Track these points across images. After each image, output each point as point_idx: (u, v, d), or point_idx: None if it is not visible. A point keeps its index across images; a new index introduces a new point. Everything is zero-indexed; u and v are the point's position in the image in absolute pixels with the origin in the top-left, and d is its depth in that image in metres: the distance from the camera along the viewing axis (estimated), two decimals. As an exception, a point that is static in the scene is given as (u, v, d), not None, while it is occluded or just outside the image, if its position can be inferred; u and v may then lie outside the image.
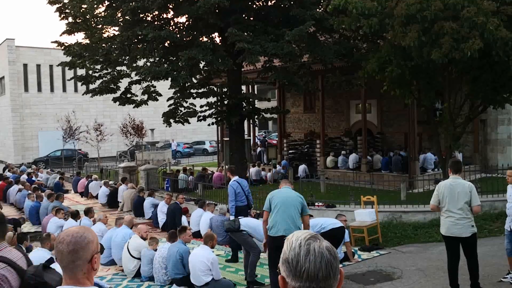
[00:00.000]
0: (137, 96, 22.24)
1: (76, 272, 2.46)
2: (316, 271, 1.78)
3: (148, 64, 20.15)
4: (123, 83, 21.93)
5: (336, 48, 17.93)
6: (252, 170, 24.06)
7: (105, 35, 21.48)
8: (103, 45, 20.86)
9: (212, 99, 20.98)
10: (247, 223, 10.08)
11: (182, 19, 20.27)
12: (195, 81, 21.20)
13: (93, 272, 2.54)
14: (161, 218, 15.27)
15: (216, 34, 20.15)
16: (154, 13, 19.34)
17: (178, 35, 18.67)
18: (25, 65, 46.62)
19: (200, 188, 20.33)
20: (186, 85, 19.88)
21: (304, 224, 7.95)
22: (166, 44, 19.30)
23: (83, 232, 2.53)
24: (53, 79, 47.93)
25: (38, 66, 47.20)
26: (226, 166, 22.94)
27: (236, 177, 11.84)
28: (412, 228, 13.02)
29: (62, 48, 21.52)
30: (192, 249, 9.75)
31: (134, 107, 22.57)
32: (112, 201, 19.75)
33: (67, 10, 20.88)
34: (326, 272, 1.78)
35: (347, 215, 12.79)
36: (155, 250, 10.24)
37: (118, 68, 21.69)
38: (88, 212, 13.61)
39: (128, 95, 22.05)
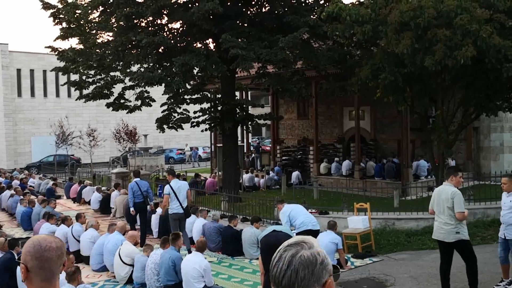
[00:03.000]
0: (130, 101, 22.17)
1: (56, 277, 2.49)
2: (280, 278, 1.79)
3: (142, 69, 20.10)
4: (117, 88, 21.86)
5: (329, 55, 17.95)
6: (245, 177, 24.02)
7: (99, 41, 21.44)
8: (97, 50, 20.81)
9: (205, 105, 20.95)
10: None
11: (176, 25, 20.29)
12: (188, 87, 21.17)
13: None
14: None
15: (210, 40, 20.15)
16: (148, 19, 19.33)
17: (172, 41, 18.65)
18: (18, 70, 46.46)
19: (193, 194, 20.25)
20: (180, 91, 19.83)
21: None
22: (160, 50, 19.28)
23: (55, 237, 2.58)
24: (47, 84, 47.80)
25: (32, 71, 47.07)
26: (220, 173, 22.91)
27: (137, 179, 14.40)
28: (405, 235, 13.00)
29: (56, 53, 21.45)
30: (185, 256, 9.70)
31: (127, 113, 22.48)
32: (104, 207, 19.62)
33: (61, 15, 20.84)
34: (289, 281, 1.77)
35: (340, 222, 12.76)
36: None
37: (112, 73, 21.62)
38: (79, 217, 13.53)
39: (122, 101, 21.98)
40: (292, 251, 1.82)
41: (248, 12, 19.72)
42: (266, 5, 19.71)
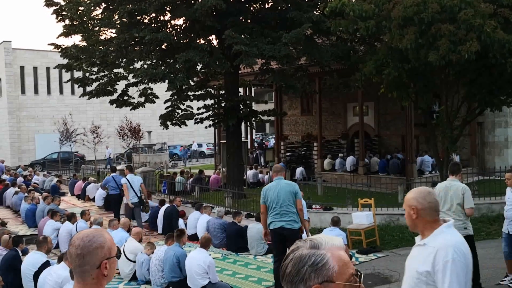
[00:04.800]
0: (134, 98, 22.19)
1: (84, 277, 2.34)
2: (282, 272, 1.86)
3: (145, 66, 20.10)
4: (120, 85, 21.88)
5: (333, 51, 17.91)
6: (249, 173, 24.02)
7: (102, 37, 21.43)
8: (100, 47, 20.81)
9: (209, 102, 20.96)
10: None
11: (179, 21, 20.26)
12: (192, 83, 21.16)
13: (104, 278, 2.37)
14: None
15: (213, 36, 20.13)
16: (151, 15, 19.33)
17: (175, 37, 18.65)
18: (22, 68, 46.48)
19: (197, 190, 20.29)
20: (183, 87, 19.83)
21: (297, 208, 8.44)
22: (163, 47, 19.28)
23: (93, 236, 2.37)
24: (50, 81, 47.80)
25: (35, 68, 47.08)
26: (224, 169, 22.92)
27: (113, 174, 16.67)
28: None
29: (59, 50, 21.45)
30: (189, 252, 9.70)
31: (131, 110, 22.51)
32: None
33: (64, 13, 20.81)
34: (283, 273, 1.84)
35: (345, 217, 12.76)
36: (149, 254, 10.14)
37: (115, 70, 21.63)
38: (83, 214, 13.55)
39: (125, 98, 22.00)
40: (295, 247, 1.87)
41: (251, 8, 19.69)
42: (269, 1, 19.69)
